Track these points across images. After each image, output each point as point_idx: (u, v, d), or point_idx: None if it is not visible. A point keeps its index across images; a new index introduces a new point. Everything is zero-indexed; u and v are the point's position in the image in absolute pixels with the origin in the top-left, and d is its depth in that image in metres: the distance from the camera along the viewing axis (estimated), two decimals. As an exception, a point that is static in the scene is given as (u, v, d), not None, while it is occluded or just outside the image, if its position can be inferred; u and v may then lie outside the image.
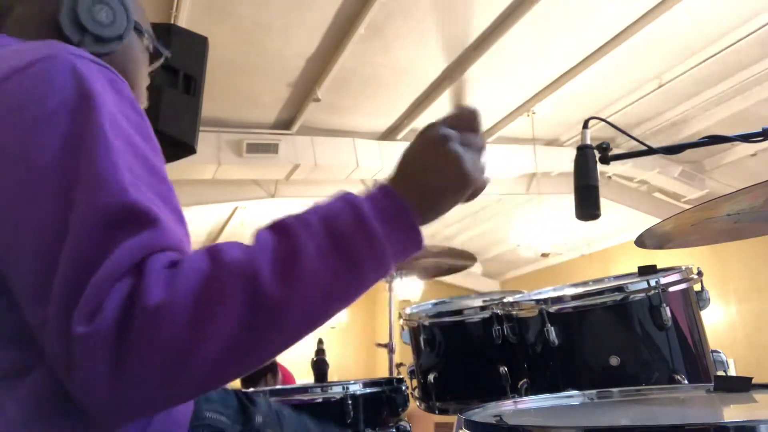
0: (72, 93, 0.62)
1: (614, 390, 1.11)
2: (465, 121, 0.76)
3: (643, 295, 1.37)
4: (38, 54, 0.65)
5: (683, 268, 1.46)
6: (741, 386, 0.99)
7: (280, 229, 0.63)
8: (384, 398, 1.65)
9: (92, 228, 0.56)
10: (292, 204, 6.73)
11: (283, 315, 0.59)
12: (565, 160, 5.99)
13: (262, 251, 0.60)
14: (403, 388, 1.72)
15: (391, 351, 2.99)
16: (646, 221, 4.62)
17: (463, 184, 0.71)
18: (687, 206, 1.73)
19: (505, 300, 1.64)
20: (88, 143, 0.60)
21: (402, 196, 0.67)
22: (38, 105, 0.61)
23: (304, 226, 0.63)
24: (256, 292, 0.57)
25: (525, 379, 1.51)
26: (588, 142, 1.37)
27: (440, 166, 0.71)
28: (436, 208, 0.70)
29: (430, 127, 0.74)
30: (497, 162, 6.09)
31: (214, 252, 0.59)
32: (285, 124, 5.42)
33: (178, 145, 1.16)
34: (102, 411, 0.57)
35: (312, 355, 2.23)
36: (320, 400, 1.56)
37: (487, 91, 5.04)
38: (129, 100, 0.68)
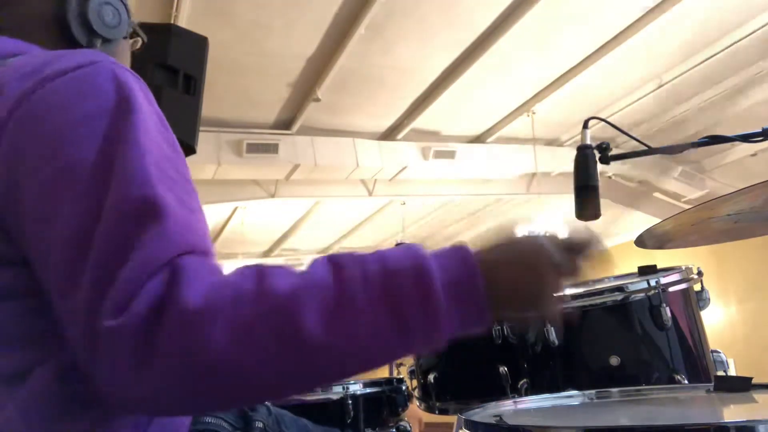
0: (112, 97, 0.65)
1: (614, 390, 1.11)
2: (584, 252, 0.69)
3: (643, 295, 1.37)
4: (80, 60, 0.68)
5: (683, 268, 1.45)
6: (741, 386, 0.99)
7: (337, 269, 0.60)
8: (384, 398, 1.64)
9: (119, 220, 0.57)
10: (292, 204, 6.75)
11: (316, 360, 0.57)
12: (565, 160, 5.99)
13: (313, 289, 0.58)
14: (403, 388, 1.72)
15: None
16: (646, 221, 4.62)
17: (534, 305, 0.66)
18: (687, 206, 1.73)
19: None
20: (122, 144, 0.62)
21: (481, 272, 0.61)
22: (80, 105, 0.64)
23: (363, 275, 0.59)
24: (294, 331, 0.56)
25: (525, 379, 1.51)
26: (588, 142, 1.37)
27: (532, 275, 0.65)
28: (499, 305, 0.64)
29: (544, 241, 0.67)
30: (497, 162, 6.10)
31: (263, 275, 0.58)
32: (285, 124, 5.42)
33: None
34: (119, 405, 0.59)
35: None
36: (320, 400, 1.56)
37: (487, 91, 5.04)
38: (157, 111, 0.70)
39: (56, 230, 0.59)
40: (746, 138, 1.30)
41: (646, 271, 1.43)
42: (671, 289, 1.39)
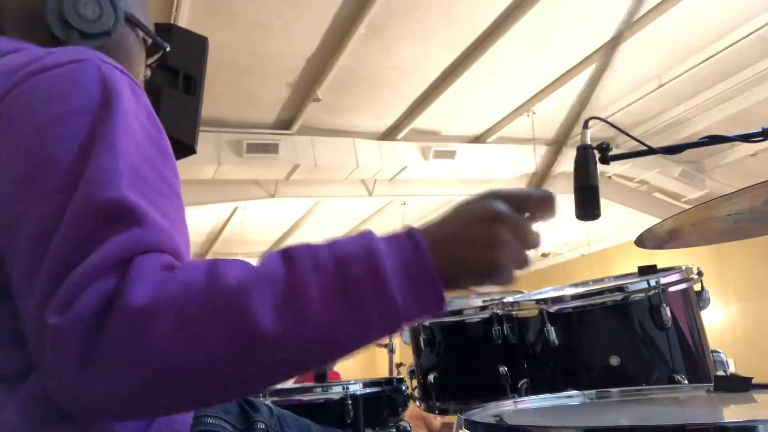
0: (96, 95, 0.64)
1: (614, 390, 1.11)
2: (532, 204, 0.70)
3: (643, 295, 1.37)
4: (67, 57, 0.67)
5: (683, 268, 1.45)
6: (741, 386, 0.99)
7: (289, 259, 0.59)
8: (384, 398, 1.64)
9: (81, 221, 0.56)
10: (292, 204, 6.74)
11: (271, 354, 0.55)
12: (565, 160, 5.98)
13: (265, 280, 0.56)
14: (403, 388, 1.72)
15: (391, 351, 2.99)
16: (646, 221, 4.62)
17: (489, 273, 0.65)
18: (687, 206, 1.73)
19: (505, 300, 1.64)
20: (97, 144, 0.60)
21: (432, 255, 0.61)
22: (62, 103, 0.63)
23: (315, 262, 0.58)
24: (246, 323, 0.54)
25: (525, 379, 1.51)
26: (588, 142, 1.37)
27: (478, 244, 0.64)
28: (455, 280, 0.63)
29: (490, 197, 0.68)
30: (497, 162, 6.09)
31: (214, 268, 0.57)
32: (285, 124, 5.41)
33: (178, 145, 1.16)
34: (68, 406, 0.56)
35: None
36: (320, 400, 1.56)
37: (487, 91, 5.04)
38: (146, 109, 0.69)
39: (23, 230, 0.58)
40: (746, 138, 1.30)
41: (646, 271, 1.43)
42: (671, 289, 1.39)
